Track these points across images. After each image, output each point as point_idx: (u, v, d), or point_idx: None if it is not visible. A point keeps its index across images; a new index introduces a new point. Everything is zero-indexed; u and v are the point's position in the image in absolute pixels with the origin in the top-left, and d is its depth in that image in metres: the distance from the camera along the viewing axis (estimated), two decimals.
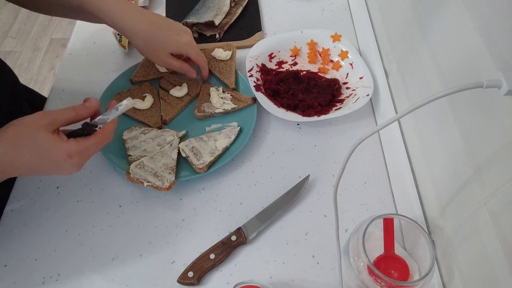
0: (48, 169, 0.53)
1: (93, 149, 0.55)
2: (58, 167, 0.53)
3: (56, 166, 0.53)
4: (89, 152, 0.55)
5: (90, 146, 0.54)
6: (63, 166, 0.53)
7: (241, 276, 0.62)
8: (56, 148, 0.51)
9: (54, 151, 0.51)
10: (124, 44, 0.85)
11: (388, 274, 0.55)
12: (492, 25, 0.45)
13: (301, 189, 0.68)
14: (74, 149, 0.52)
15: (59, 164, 0.52)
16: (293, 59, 0.86)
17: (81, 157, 0.54)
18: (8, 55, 2.21)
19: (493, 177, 0.46)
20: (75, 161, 0.53)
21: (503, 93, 0.38)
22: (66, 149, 0.52)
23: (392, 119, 0.42)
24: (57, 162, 0.52)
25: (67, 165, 0.53)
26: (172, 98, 0.78)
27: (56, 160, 0.52)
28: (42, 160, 0.51)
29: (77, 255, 0.63)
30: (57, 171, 0.54)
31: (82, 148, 0.53)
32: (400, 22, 0.72)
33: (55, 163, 0.52)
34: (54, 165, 0.52)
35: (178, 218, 0.67)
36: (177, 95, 0.78)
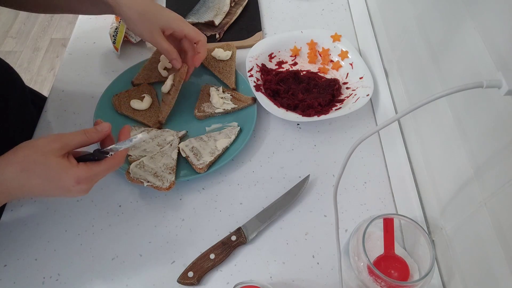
0: (56, 194, 0.54)
1: (102, 175, 0.55)
2: (66, 191, 0.53)
3: (64, 191, 0.53)
4: (97, 178, 0.55)
5: (99, 172, 0.54)
6: (71, 191, 0.53)
7: (241, 276, 0.62)
8: (66, 173, 0.52)
9: (64, 177, 0.52)
10: (117, 46, 0.85)
11: (388, 274, 0.55)
12: (492, 25, 0.45)
13: (301, 189, 0.68)
14: (83, 175, 0.53)
15: (67, 189, 0.53)
16: (293, 59, 0.86)
17: (90, 183, 0.54)
18: (8, 55, 2.21)
19: (493, 177, 0.46)
20: (83, 187, 0.53)
21: (503, 93, 0.38)
22: (75, 174, 0.52)
23: (392, 119, 0.42)
24: (65, 188, 0.52)
25: (75, 190, 0.53)
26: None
27: (65, 185, 0.52)
28: (51, 185, 0.52)
29: (77, 255, 0.63)
30: (65, 195, 0.54)
31: (92, 174, 0.54)
32: (400, 22, 0.72)
33: (64, 189, 0.52)
34: (62, 190, 0.53)
35: (178, 218, 0.67)
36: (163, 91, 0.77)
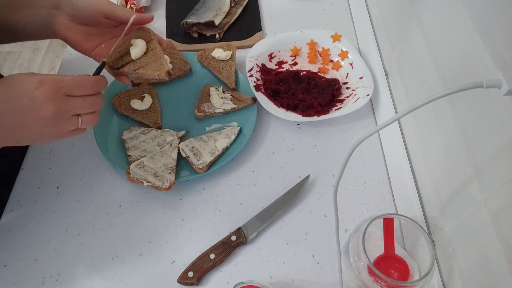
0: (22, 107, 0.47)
1: (71, 86, 0.50)
2: (31, 101, 0.47)
3: (29, 100, 0.47)
4: (65, 88, 0.49)
5: (67, 79, 0.50)
6: (36, 99, 0.47)
7: (241, 276, 0.62)
8: (27, 76, 0.48)
9: (26, 78, 0.48)
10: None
11: (388, 274, 0.55)
12: (492, 25, 0.45)
13: (301, 189, 0.68)
14: (47, 77, 0.48)
15: (31, 95, 0.47)
16: (293, 59, 0.86)
17: (54, 86, 0.48)
18: (8, 55, 2.21)
19: (493, 177, 0.46)
20: (48, 89, 0.48)
21: (503, 93, 0.38)
22: (38, 76, 0.48)
23: (392, 119, 0.42)
24: (28, 92, 0.47)
25: (40, 97, 0.47)
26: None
27: (28, 88, 0.47)
28: (12, 90, 0.47)
29: (77, 255, 0.63)
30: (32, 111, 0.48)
31: (57, 77, 0.49)
32: (400, 22, 0.72)
33: (27, 94, 0.47)
34: (26, 98, 0.47)
35: (178, 218, 0.67)
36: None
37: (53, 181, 0.70)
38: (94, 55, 0.61)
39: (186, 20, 0.88)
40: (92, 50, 0.61)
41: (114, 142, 0.73)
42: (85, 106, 0.53)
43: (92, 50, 0.61)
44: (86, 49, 0.61)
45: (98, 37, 0.62)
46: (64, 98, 0.50)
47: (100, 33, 0.62)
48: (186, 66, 0.82)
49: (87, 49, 0.61)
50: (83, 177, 0.71)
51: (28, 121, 0.49)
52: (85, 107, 0.53)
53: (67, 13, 0.60)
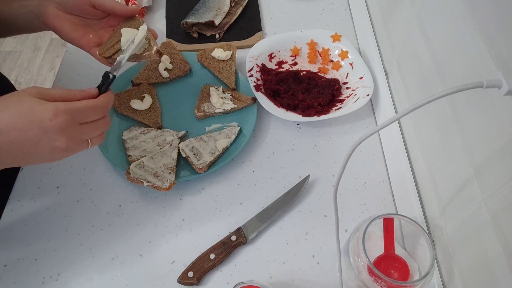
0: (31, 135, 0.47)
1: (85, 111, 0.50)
2: (43, 131, 0.47)
3: (40, 131, 0.47)
4: (78, 117, 0.49)
5: (80, 107, 0.49)
6: (49, 130, 0.47)
7: (241, 276, 0.62)
8: (40, 105, 0.47)
9: (39, 108, 0.47)
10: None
11: (388, 274, 0.55)
12: (492, 25, 0.45)
13: (301, 189, 0.68)
14: (61, 106, 0.47)
15: (43, 125, 0.46)
16: (293, 59, 0.86)
17: (68, 117, 0.48)
18: (8, 55, 2.21)
19: (493, 177, 0.46)
20: (61, 120, 0.47)
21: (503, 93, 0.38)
22: (52, 105, 0.47)
23: (392, 119, 0.42)
24: (41, 123, 0.46)
25: (53, 128, 0.47)
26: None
27: (41, 118, 0.46)
28: (25, 120, 0.46)
29: (77, 255, 0.63)
30: (44, 141, 0.47)
31: (71, 107, 0.48)
32: (400, 22, 0.72)
33: (39, 125, 0.46)
34: (38, 128, 0.46)
35: (178, 218, 0.67)
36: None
37: (53, 181, 0.70)
38: (83, 44, 0.61)
39: (186, 20, 0.88)
40: (80, 39, 0.61)
41: (114, 142, 0.73)
42: (95, 130, 0.53)
43: (80, 39, 0.61)
44: (74, 38, 0.61)
45: (86, 27, 0.62)
46: (77, 128, 0.50)
47: (88, 24, 0.63)
48: (186, 66, 0.82)
49: (75, 38, 0.61)
50: (83, 177, 0.71)
51: (39, 151, 0.49)
52: (95, 131, 0.53)
53: (56, 2, 0.60)
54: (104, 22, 0.64)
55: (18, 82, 2.09)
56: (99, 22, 0.63)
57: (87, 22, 0.63)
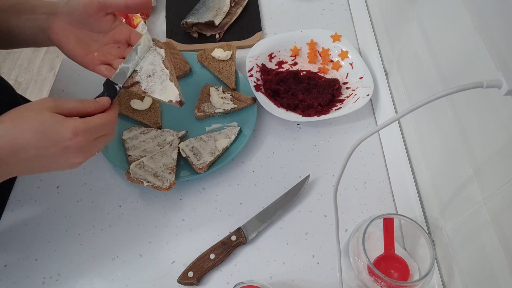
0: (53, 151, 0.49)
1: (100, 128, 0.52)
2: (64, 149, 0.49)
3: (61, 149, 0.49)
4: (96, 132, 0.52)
5: (97, 125, 0.51)
6: (69, 147, 0.49)
7: (241, 276, 0.62)
8: (61, 125, 0.48)
9: (59, 128, 0.48)
10: None
11: (388, 274, 0.55)
12: (492, 25, 0.45)
13: (301, 189, 0.68)
14: (81, 125, 0.49)
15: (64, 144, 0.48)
16: (293, 59, 0.86)
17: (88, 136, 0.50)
18: (8, 55, 2.21)
19: (493, 177, 0.46)
20: (81, 139, 0.49)
21: (503, 93, 0.38)
22: (72, 125, 0.49)
23: (392, 119, 0.42)
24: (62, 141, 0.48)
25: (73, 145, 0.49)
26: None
27: (61, 138, 0.48)
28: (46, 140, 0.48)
29: (77, 255, 0.63)
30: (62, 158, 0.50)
31: (89, 126, 0.50)
32: (400, 22, 0.72)
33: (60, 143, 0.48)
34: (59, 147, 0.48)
35: (178, 218, 0.67)
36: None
37: (53, 181, 0.70)
38: (87, 62, 0.59)
39: (186, 20, 0.88)
40: (84, 57, 0.59)
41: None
42: (106, 142, 0.56)
43: (84, 57, 0.59)
44: (78, 55, 0.59)
45: (91, 44, 0.60)
46: (93, 144, 0.52)
47: (93, 39, 0.60)
48: (186, 66, 0.82)
49: (78, 55, 0.59)
50: (83, 177, 0.71)
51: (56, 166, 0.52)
52: (104, 143, 0.56)
53: (63, 15, 0.59)
54: (110, 36, 0.61)
55: (18, 82, 2.09)
56: (105, 37, 0.61)
57: (92, 37, 0.60)
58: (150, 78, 0.59)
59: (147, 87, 0.59)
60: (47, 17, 0.60)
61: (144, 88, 0.58)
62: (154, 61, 0.60)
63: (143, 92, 0.58)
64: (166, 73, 0.59)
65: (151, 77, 0.59)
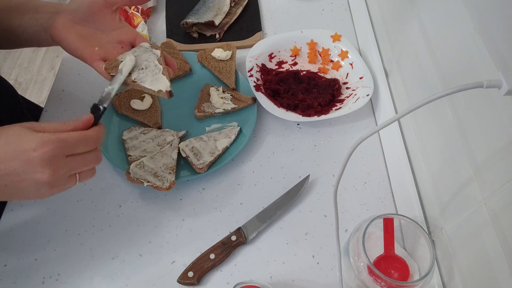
0: (15, 169, 0.44)
1: (74, 145, 0.47)
2: (26, 164, 0.44)
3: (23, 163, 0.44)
4: (66, 148, 0.46)
5: (68, 138, 0.46)
6: (32, 162, 0.44)
7: (241, 276, 0.62)
8: (26, 135, 0.44)
9: (24, 138, 0.44)
10: None
11: (388, 274, 0.55)
12: (492, 25, 0.45)
13: (301, 189, 0.68)
14: (47, 137, 0.44)
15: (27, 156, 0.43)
16: (293, 59, 0.86)
17: (56, 149, 0.45)
18: (8, 55, 2.21)
19: (493, 177, 0.46)
20: (46, 152, 0.44)
21: (503, 93, 0.38)
22: (38, 136, 0.44)
23: (392, 119, 0.42)
24: (25, 153, 0.44)
25: (36, 160, 0.44)
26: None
27: (24, 148, 0.44)
28: (9, 149, 0.44)
29: (77, 255, 0.63)
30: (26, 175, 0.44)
31: (59, 137, 0.45)
32: (400, 22, 0.72)
33: (23, 155, 0.44)
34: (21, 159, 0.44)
35: (178, 218, 0.67)
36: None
37: None
38: (86, 55, 0.58)
39: (186, 20, 0.88)
40: (84, 50, 0.57)
41: (114, 142, 0.73)
42: (84, 164, 0.50)
43: (84, 49, 0.58)
44: (78, 48, 0.58)
45: (93, 40, 0.59)
46: (63, 161, 0.46)
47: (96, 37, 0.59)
48: (186, 66, 0.82)
49: (78, 48, 0.58)
50: None
51: (23, 185, 0.46)
52: (84, 165, 0.50)
53: (67, 12, 0.59)
54: (114, 36, 0.60)
55: (18, 82, 2.09)
56: (108, 36, 0.60)
57: (95, 35, 0.59)
58: (142, 70, 0.58)
59: (137, 77, 0.57)
60: (50, 16, 0.60)
61: (134, 78, 0.57)
62: (149, 58, 0.59)
63: (132, 81, 0.57)
64: (160, 68, 0.58)
65: (143, 70, 0.58)
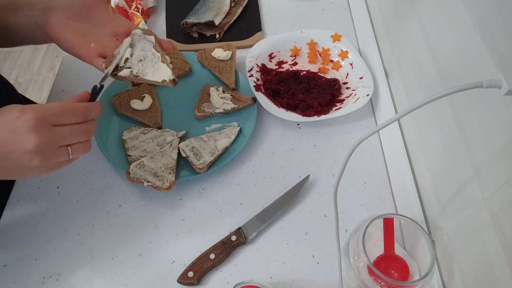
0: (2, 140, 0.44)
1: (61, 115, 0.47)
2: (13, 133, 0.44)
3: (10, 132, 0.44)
4: (52, 117, 0.46)
5: (52, 107, 0.46)
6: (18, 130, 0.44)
7: (241, 276, 0.62)
8: (11, 107, 0.45)
9: (8, 110, 0.45)
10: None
11: (388, 274, 0.55)
12: (492, 25, 0.45)
13: (301, 189, 0.68)
14: (30, 106, 0.45)
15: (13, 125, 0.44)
16: (293, 59, 0.86)
17: (40, 118, 0.45)
18: (8, 55, 2.21)
19: (493, 177, 0.46)
20: (31, 118, 0.44)
21: (503, 93, 0.38)
22: (21, 106, 0.44)
23: (392, 119, 0.42)
24: (10, 123, 0.44)
25: (21, 128, 0.44)
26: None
27: (9, 118, 0.44)
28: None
29: (77, 255, 0.63)
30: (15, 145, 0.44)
31: (41, 106, 0.45)
32: (400, 22, 0.72)
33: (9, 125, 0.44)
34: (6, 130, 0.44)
35: (178, 218, 0.67)
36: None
37: (53, 181, 0.70)
38: (84, 53, 0.57)
39: (186, 20, 0.88)
40: (81, 47, 0.57)
41: (114, 142, 0.73)
42: (74, 136, 0.49)
43: (80, 47, 0.57)
44: (74, 45, 0.57)
45: (88, 35, 0.59)
46: (50, 128, 0.46)
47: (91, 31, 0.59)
48: (186, 66, 0.82)
49: (75, 45, 0.57)
50: (83, 177, 0.71)
51: (12, 155, 0.45)
52: (74, 137, 0.49)
53: (60, 8, 0.58)
54: (109, 29, 0.60)
55: (18, 82, 2.09)
56: (103, 30, 0.60)
57: (90, 29, 0.59)
58: (141, 62, 0.58)
59: (138, 70, 0.57)
60: (44, 13, 0.59)
61: (136, 72, 0.57)
62: (145, 47, 0.59)
63: (134, 76, 0.57)
64: (158, 56, 0.58)
65: (142, 61, 0.58)
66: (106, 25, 0.60)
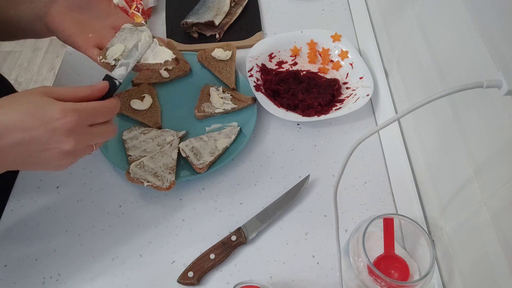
0: (40, 137, 0.45)
1: (93, 115, 0.48)
2: (51, 132, 0.45)
3: (48, 131, 0.45)
4: (87, 118, 0.48)
5: (89, 108, 0.48)
6: (57, 130, 0.45)
7: (241, 276, 0.62)
8: (49, 105, 0.45)
9: (47, 107, 0.45)
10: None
11: (388, 274, 0.55)
12: (492, 25, 0.45)
13: (301, 189, 0.68)
14: (70, 106, 0.46)
15: (52, 125, 0.45)
16: (293, 59, 0.86)
17: (78, 119, 0.46)
18: (8, 55, 2.21)
19: (493, 177, 0.46)
20: (71, 121, 0.45)
21: (503, 93, 0.38)
22: (60, 105, 0.45)
23: (392, 119, 0.42)
24: (49, 122, 0.45)
25: (61, 129, 0.45)
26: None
27: (49, 117, 0.45)
28: (31, 121, 0.44)
29: (77, 255, 0.63)
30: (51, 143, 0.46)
31: (80, 107, 0.46)
32: (400, 22, 0.72)
33: (47, 124, 0.45)
34: (45, 128, 0.45)
35: (178, 218, 0.67)
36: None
37: (53, 181, 0.70)
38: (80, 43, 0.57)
39: (186, 20, 0.88)
40: (78, 36, 0.58)
41: (114, 142, 0.73)
42: (102, 136, 0.52)
43: (78, 36, 0.58)
44: (72, 34, 0.58)
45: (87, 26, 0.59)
46: (85, 130, 0.48)
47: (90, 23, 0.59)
48: (186, 66, 0.82)
49: (72, 34, 0.58)
50: (83, 177, 0.71)
51: (44, 154, 0.47)
52: (102, 136, 0.52)
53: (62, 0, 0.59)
54: (108, 22, 0.61)
55: (18, 82, 2.09)
56: (103, 22, 0.61)
57: (90, 22, 0.60)
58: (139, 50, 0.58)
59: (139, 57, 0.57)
60: (45, 5, 0.60)
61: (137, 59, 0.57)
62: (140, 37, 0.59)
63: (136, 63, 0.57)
64: (155, 41, 0.59)
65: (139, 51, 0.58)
66: (107, 19, 0.61)
